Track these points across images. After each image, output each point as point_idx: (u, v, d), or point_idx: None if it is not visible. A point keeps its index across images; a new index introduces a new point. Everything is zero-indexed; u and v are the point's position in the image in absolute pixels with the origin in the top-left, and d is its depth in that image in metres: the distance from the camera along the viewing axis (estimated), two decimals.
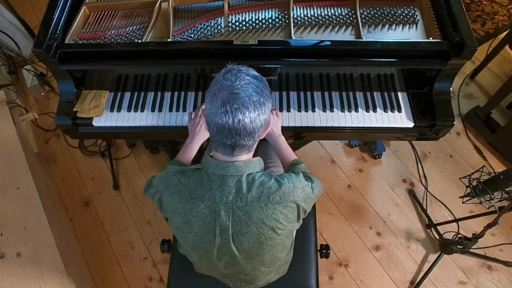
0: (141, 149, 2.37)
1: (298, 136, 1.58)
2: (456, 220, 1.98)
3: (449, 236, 1.91)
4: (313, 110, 1.52)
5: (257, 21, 1.52)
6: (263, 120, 0.99)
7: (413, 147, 2.31)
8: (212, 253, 1.11)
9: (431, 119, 1.48)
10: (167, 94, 1.56)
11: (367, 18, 1.53)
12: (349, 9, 1.56)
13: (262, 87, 0.98)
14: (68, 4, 1.49)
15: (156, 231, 2.11)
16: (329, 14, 1.54)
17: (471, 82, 2.56)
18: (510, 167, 1.54)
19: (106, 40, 1.49)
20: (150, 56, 1.45)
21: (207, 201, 1.03)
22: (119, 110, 1.54)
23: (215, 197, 1.02)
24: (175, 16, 1.56)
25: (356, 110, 1.51)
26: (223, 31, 1.51)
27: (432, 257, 1.98)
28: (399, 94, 1.54)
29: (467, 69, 2.56)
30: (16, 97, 2.43)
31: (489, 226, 1.62)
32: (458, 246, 1.82)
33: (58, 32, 1.42)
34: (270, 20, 1.52)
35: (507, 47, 2.34)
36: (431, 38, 1.45)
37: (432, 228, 2.02)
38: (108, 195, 2.24)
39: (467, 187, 1.60)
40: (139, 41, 1.47)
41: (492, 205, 1.52)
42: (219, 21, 1.53)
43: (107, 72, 1.53)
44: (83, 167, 2.35)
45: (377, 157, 2.28)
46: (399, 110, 1.51)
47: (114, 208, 2.20)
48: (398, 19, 1.53)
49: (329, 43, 1.41)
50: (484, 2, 2.86)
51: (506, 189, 1.48)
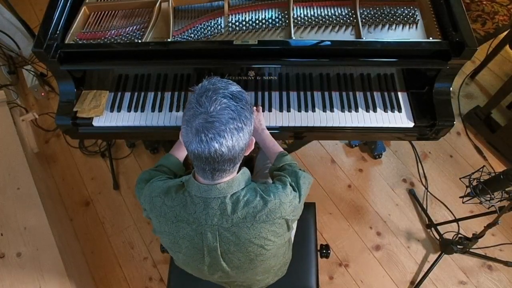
0: (141, 149, 2.37)
1: (298, 136, 1.58)
2: (456, 220, 1.97)
3: (449, 236, 1.91)
4: (313, 110, 1.52)
5: (257, 21, 1.52)
6: (242, 145, 0.92)
7: (413, 147, 2.31)
8: (203, 270, 1.11)
9: (431, 119, 1.48)
10: (167, 94, 1.56)
11: (367, 18, 1.53)
12: (349, 9, 1.56)
13: (241, 109, 0.90)
14: (68, 4, 1.49)
15: None
16: (329, 14, 1.54)
17: (471, 82, 2.56)
18: (510, 167, 1.54)
19: (106, 40, 1.49)
20: (150, 56, 1.45)
21: (192, 224, 1.00)
22: (119, 110, 1.54)
23: (200, 220, 0.99)
24: (175, 16, 1.56)
25: (356, 110, 1.51)
26: (223, 31, 1.51)
27: (432, 257, 1.97)
28: (399, 94, 1.54)
29: (467, 69, 2.56)
30: (16, 97, 2.43)
31: (489, 226, 1.61)
32: (458, 246, 1.82)
33: (58, 32, 1.42)
34: (270, 20, 1.52)
35: (507, 47, 2.33)
36: (431, 38, 1.45)
37: (432, 228, 2.02)
38: (108, 195, 2.24)
39: (467, 187, 1.59)
40: (139, 41, 1.47)
41: (492, 205, 1.52)
42: (219, 21, 1.53)
43: (107, 72, 1.53)
44: (83, 167, 2.35)
45: (377, 157, 2.28)
46: (399, 110, 1.51)
47: (114, 208, 2.20)
48: (398, 19, 1.52)
49: (329, 43, 1.41)
50: (484, 2, 2.85)
51: (506, 189, 1.48)
